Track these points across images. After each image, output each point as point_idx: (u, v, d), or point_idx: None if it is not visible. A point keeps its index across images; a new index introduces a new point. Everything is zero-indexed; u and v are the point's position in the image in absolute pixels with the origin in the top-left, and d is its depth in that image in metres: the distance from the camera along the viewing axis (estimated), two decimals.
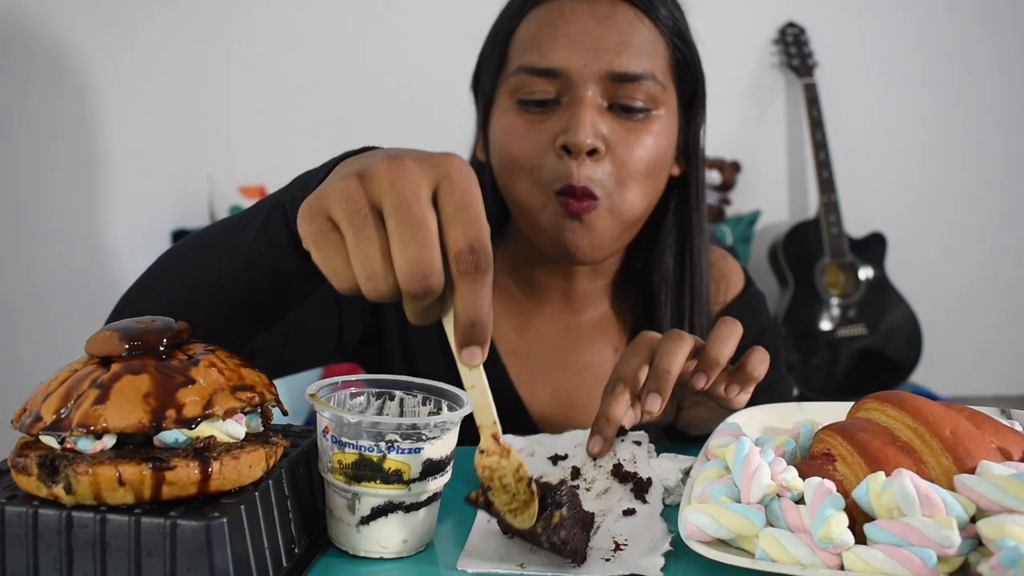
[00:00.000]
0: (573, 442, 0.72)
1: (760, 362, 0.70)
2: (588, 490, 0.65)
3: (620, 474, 0.66)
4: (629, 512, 0.61)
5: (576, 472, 0.68)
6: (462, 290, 0.45)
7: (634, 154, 0.86)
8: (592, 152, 0.84)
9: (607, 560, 0.54)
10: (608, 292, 1.00)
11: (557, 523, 0.53)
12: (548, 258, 0.93)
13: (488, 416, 0.51)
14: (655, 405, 0.67)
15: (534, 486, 0.53)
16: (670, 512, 0.62)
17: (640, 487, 0.64)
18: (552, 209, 0.86)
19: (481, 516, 0.61)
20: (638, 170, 0.86)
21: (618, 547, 0.56)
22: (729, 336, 0.70)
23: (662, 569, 0.53)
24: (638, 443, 0.70)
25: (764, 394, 0.95)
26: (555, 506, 0.53)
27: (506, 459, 0.52)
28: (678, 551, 0.56)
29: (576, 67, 0.84)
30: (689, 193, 0.97)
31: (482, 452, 0.52)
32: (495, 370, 0.94)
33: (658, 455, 0.68)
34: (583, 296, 0.98)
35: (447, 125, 0.98)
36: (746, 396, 0.71)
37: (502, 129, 0.89)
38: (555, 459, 0.70)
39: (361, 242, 0.45)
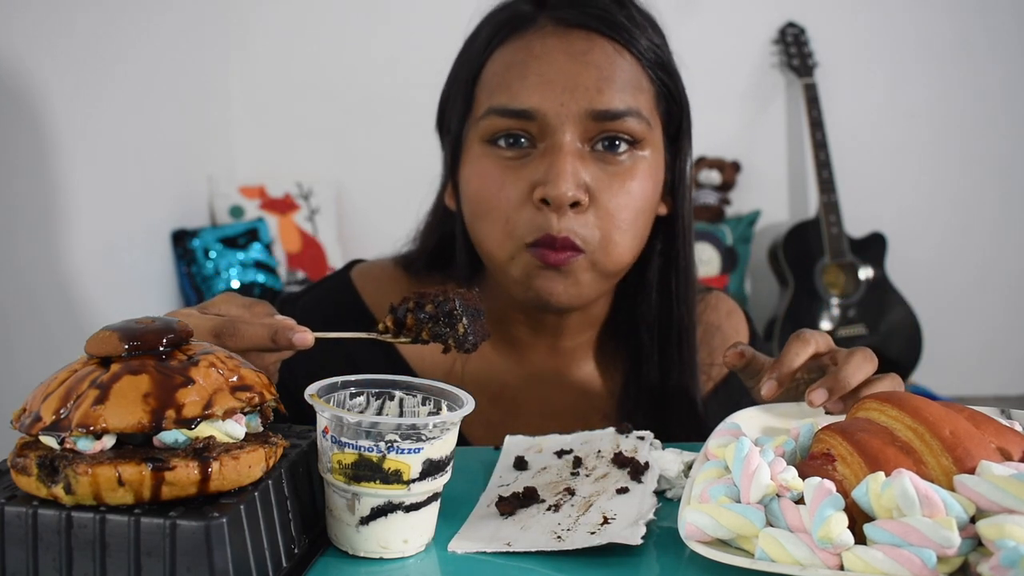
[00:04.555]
0: (579, 440, 0.75)
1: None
2: (588, 476, 0.67)
3: (619, 460, 0.68)
4: (622, 490, 0.63)
5: (578, 461, 0.70)
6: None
7: (619, 203, 0.79)
8: (574, 204, 0.78)
9: (592, 533, 0.56)
10: (594, 348, 0.93)
11: (463, 334, 0.64)
12: (524, 307, 0.87)
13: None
14: (820, 399, 0.65)
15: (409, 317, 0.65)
16: (669, 506, 0.62)
17: (636, 469, 0.66)
18: (523, 260, 0.80)
19: (480, 504, 0.63)
20: (624, 220, 0.80)
21: (606, 520, 0.58)
22: (864, 363, 0.68)
23: (643, 537, 0.55)
24: (641, 438, 0.73)
25: None
26: (452, 319, 0.64)
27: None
28: (679, 552, 0.56)
29: (552, 108, 0.78)
30: (676, 232, 0.89)
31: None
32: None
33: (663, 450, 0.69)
34: (567, 354, 0.91)
35: None
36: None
37: (476, 177, 0.82)
38: (560, 453, 0.72)
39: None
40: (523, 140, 0.80)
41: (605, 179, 0.80)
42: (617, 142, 0.80)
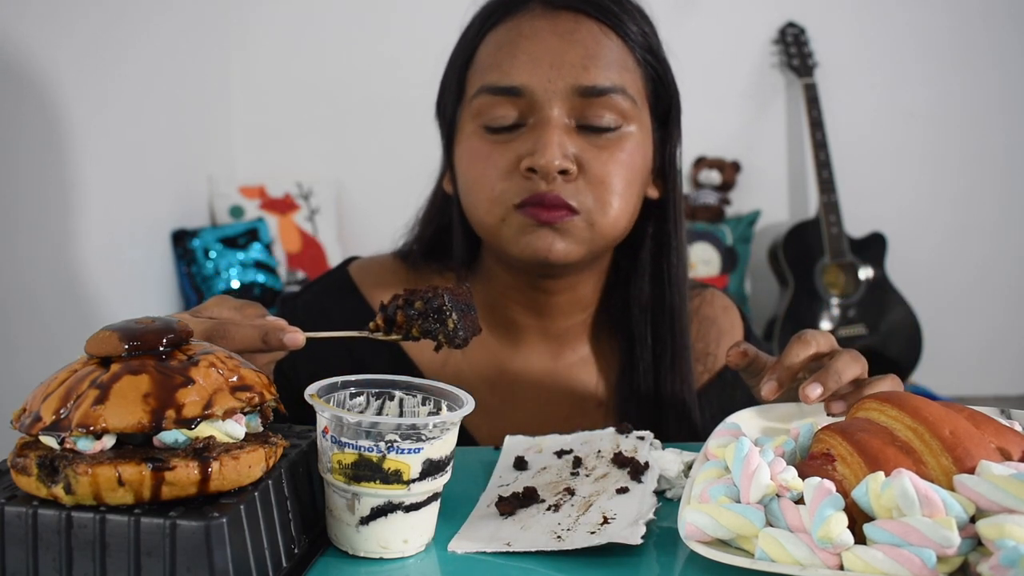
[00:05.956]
0: (579, 440, 0.75)
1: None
2: (588, 476, 0.67)
3: (619, 460, 0.68)
4: (622, 490, 0.63)
5: (578, 461, 0.70)
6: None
7: (609, 170, 0.81)
8: (564, 172, 0.80)
9: (592, 533, 0.56)
10: (589, 331, 0.94)
11: (453, 330, 0.65)
12: (521, 274, 0.88)
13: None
14: (815, 392, 0.65)
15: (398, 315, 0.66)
16: (669, 506, 0.62)
17: (636, 469, 0.66)
18: (514, 221, 0.81)
19: (480, 504, 0.63)
20: (616, 184, 0.82)
21: (606, 520, 0.58)
22: (852, 361, 0.68)
23: (643, 537, 0.55)
24: (641, 438, 0.73)
25: None
26: (442, 315, 0.65)
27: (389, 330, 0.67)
28: (679, 552, 0.56)
29: (540, 84, 0.80)
30: (667, 216, 0.90)
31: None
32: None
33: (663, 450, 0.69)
34: (563, 336, 0.93)
35: None
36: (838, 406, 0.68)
37: (467, 155, 0.85)
38: (560, 453, 0.73)
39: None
40: (513, 118, 0.82)
41: (593, 150, 0.82)
42: (603, 118, 0.82)
